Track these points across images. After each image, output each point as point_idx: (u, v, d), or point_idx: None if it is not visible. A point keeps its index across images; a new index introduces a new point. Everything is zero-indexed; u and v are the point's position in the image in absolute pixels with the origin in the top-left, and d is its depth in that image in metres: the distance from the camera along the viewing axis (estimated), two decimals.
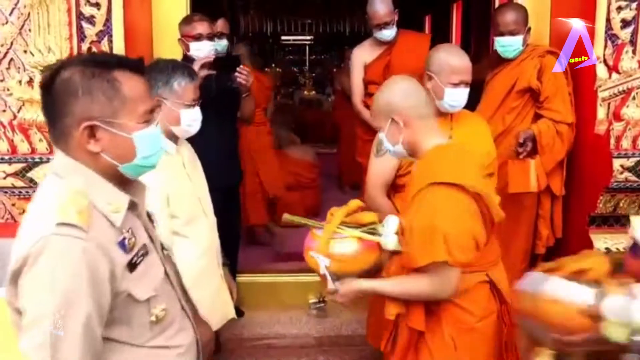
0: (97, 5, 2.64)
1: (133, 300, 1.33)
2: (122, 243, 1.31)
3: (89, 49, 2.64)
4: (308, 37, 12.00)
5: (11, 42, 2.62)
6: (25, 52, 2.62)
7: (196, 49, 3.00)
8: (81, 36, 2.65)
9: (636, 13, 2.71)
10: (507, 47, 3.02)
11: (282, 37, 12.01)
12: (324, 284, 2.01)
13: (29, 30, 2.60)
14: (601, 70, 2.76)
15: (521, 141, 2.93)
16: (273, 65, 11.26)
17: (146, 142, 1.36)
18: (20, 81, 2.63)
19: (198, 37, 3.01)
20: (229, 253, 2.70)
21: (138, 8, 2.90)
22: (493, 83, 3.14)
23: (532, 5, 3.13)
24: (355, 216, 2.04)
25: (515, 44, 3.00)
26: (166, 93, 2.17)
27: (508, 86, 3.05)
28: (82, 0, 2.62)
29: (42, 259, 1.20)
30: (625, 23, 2.72)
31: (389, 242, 1.96)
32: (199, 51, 2.99)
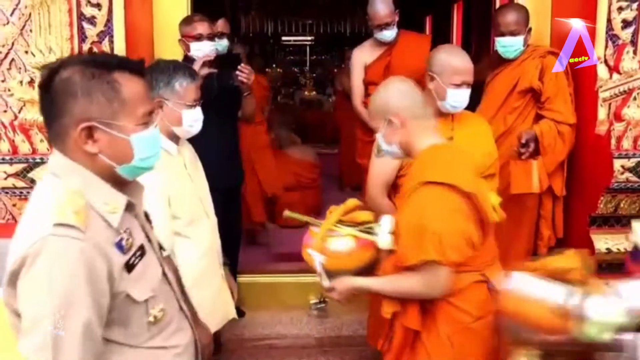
0: (98, 5, 2.64)
1: (131, 301, 1.32)
2: (120, 244, 1.30)
3: (90, 50, 2.64)
4: (309, 38, 12.00)
5: (12, 43, 2.62)
6: (26, 53, 2.62)
7: (196, 50, 3.00)
8: (82, 37, 2.65)
9: (637, 13, 2.71)
10: (508, 48, 3.02)
11: (283, 38, 12.01)
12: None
13: (30, 30, 2.60)
14: (602, 70, 2.76)
15: (523, 142, 2.92)
16: (274, 65, 11.27)
17: (144, 144, 1.35)
18: (21, 82, 2.64)
19: (198, 38, 3.01)
20: (230, 253, 2.70)
21: (139, 8, 2.90)
22: (494, 83, 3.13)
23: (533, 5, 3.13)
24: (351, 215, 2.09)
25: (516, 45, 3.00)
26: (167, 94, 2.17)
27: (509, 86, 3.04)
28: (83, 0, 2.63)
29: (40, 260, 1.20)
30: (626, 23, 2.72)
31: (384, 241, 1.99)
32: (200, 51, 2.98)
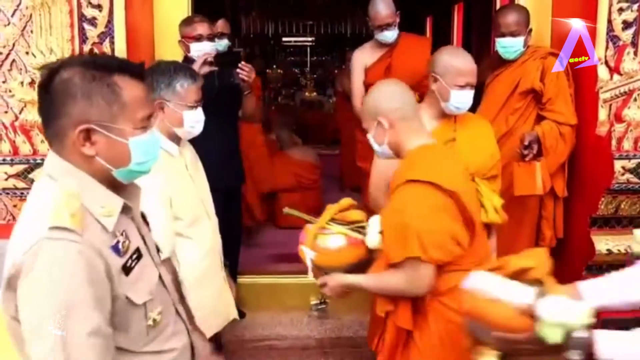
0: (99, 6, 2.64)
1: (131, 304, 1.31)
2: (116, 247, 1.29)
3: (91, 51, 2.65)
4: (309, 39, 12.02)
5: (13, 44, 2.62)
6: (27, 54, 2.62)
7: (197, 50, 3.00)
8: (83, 38, 2.65)
9: (637, 14, 2.71)
10: (509, 49, 3.01)
11: (284, 39, 12.03)
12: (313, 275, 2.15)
13: (31, 31, 2.60)
14: (602, 71, 2.76)
15: (526, 143, 2.91)
16: (274, 66, 11.28)
17: (142, 149, 1.34)
18: (22, 82, 2.64)
19: (198, 38, 3.01)
20: (230, 254, 2.70)
21: (139, 9, 2.90)
22: (494, 84, 3.13)
23: (534, 6, 3.12)
24: (343, 214, 2.18)
25: (516, 45, 2.99)
26: (169, 95, 2.17)
27: (511, 87, 3.04)
28: (84, 1, 2.63)
29: (38, 265, 1.18)
30: (626, 24, 2.72)
31: (373, 241, 2.07)
32: (200, 52, 2.98)
